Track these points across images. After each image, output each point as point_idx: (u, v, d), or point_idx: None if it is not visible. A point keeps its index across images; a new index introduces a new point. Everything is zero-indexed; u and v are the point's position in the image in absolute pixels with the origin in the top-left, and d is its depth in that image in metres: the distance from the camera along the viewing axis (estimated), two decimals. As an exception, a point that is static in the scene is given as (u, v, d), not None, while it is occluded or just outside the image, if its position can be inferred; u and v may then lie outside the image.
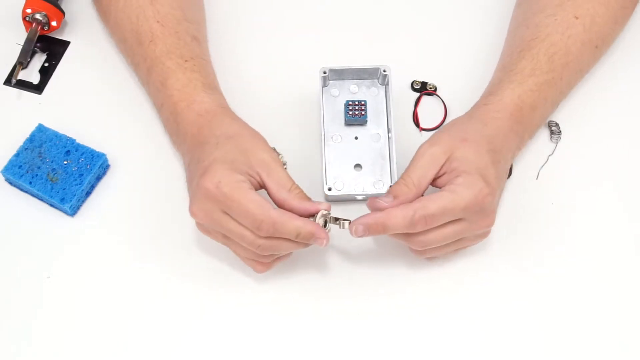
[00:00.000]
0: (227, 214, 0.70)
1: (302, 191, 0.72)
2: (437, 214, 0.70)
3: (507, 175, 0.77)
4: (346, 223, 0.73)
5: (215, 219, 0.70)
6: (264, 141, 0.74)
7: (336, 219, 0.73)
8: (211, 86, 0.80)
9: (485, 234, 0.76)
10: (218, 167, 0.70)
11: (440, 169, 0.72)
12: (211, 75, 0.82)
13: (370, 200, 0.73)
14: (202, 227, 0.74)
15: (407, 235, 0.72)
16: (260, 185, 0.72)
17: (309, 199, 0.73)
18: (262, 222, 0.68)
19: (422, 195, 0.73)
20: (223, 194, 0.69)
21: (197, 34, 0.84)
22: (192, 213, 0.71)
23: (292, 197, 0.71)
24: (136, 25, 0.82)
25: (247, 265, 0.75)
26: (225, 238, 0.72)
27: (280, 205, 0.71)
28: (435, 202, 0.70)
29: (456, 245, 0.75)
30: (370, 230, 0.71)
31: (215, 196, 0.69)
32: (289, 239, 0.71)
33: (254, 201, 0.69)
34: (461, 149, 0.72)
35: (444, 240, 0.72)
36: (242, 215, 0.69)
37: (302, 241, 0.71)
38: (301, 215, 0.71)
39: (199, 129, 0.75)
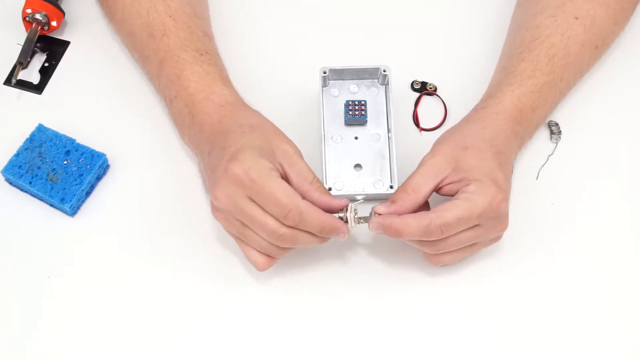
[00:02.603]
0: (253, 200, 0.69)
1: (322, 185, 0.73)
2: (453, 223, 0.70)
3: (511, 176, 0.77)
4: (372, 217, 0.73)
5: (239, 205, 0.69)
6: (284, 134, 0.74)
7: (360, 218, 0.73)
8: (228, 80, 0.80)
9: (498, 238, 0.76)
10: (247, 153, 0.69)
11: (443, 179, 0.72)
12: (225, 71, 0.82)
13: (373, 207, 0.73)
14: (220, 214, 0.72)
15: (422, 240, 0.72)
16: (282, 176, 0.71)
17: (328, 193, 0.73)
18: (290, 211, 0.68)
19: (425, 203, 0.73)
20: (252, 179, 0.68)
21: (207, 30, 0.85)
22: (215, 198, 0.70)
23: (313, 189, 0.71)
24: (147, 19, 0.82)
25: (250, 261, 0.74)
26: (242, 226, 0.71)
27: (301, 196, 0.70)
28: (452, 212, 0.70)
29: (470, 251, 0.75)
30: (385, 231, 0.72)
31: (244, 182, 0.68)
32: (309, 232, 0.70)
33: (283, 189, 0.69)
34: (465, 159, 0.72)
35: (458, 245, 0.72)
36: (270, 202, 0.68)
37: (324, 235, 0.71)
38: (320, 208, 0.71)
39: (221, 118, 0.75)
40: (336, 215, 0.72)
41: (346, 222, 0.72)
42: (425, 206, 0.74)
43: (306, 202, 0.69)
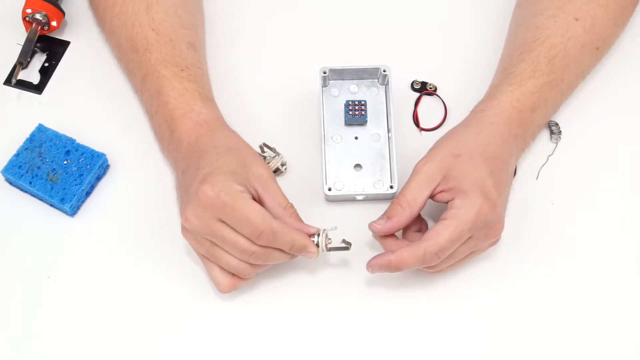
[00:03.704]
0: (223, 221, 0.70)
1: (295, 211, 0.73)
2: (447, 246, 0.70)
3: (511, 178, 0.77)
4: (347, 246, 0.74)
5: (209, 226, 0.70)
6: (260, 157, 0.75)
7: (331, 248, 0.74)
8: (208, 97, 0.80)
9: (495, 241, 0.76)
10: (219, 176, 0.70)
11: (436, 187, 0.73)
12: (207, 86, 0.82)
13: (369, 224, 0.74)
14: (189, 233, 0.73)
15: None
16: (255, 200, 0.72)
17: (301, 220, 0.74)
18: (263, 231, 0.69)
19: (419, 214, 0.74)
20: (223, 202, 0.69)
21: (194, 40, 0.84)
22: (186, 219, 0.71)
23: (286, 215, 0.72)
24: (131, 32, 0.82)
25: (213, 282, 0.75)
26: (212, 246, 0.72)
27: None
28: (442, 235, 0.70)
29: (467, 258, 0.75)
30: (383, 270, 0.73)
31: (215, 204, 0.69)
32: (281, 250, 0.72)
33: (255, 210, 0.69)
34: (455, 166, 0.73)
35: (455, 259, 0.73)
36: (243, 223, 0.69)
37: (294, 253, 0.72)
38: None
39: (198, 138, 0.75)
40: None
41: (318, 246, 0.73)
42: (418, 217, 0.75)
43: (278, 222, 0.70)
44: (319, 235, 0.73)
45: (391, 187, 0.80)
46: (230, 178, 0.70)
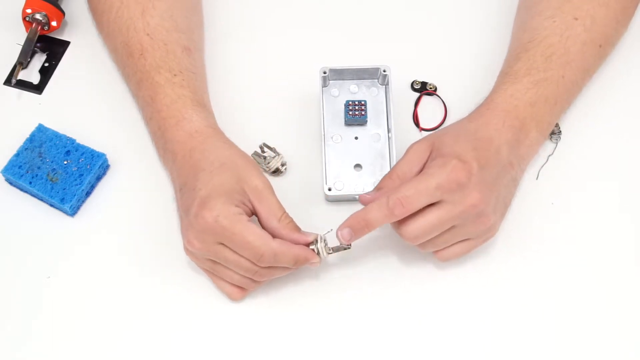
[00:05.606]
0: (223, 244, 0.71)
1: (292, 220, 0.73)
2: (410, 194, 0.69)
3: (506, 166, 0.75)
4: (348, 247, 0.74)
5: (211, 249, 0.71)
6: (256, 166, 0.75)
7: (331, 248, 0.74)
8: (200, 103, 0.80)
9: (483, 225, 0.73)
10: (216, 200, 0.70)
11: (425, 163, 0.73)
12: (200, 91, 0.82)
13: (360, 195, 0.74)
14: (192, 254, 0.74)
15: (396, 227, 0.73)
16: (252, 212, 0.73)
17: (298, 228, 0.74)
18: (264, 254, 0.70)
19: None
20: (222, 227, 0.69)
21: (189, 43, 0.84)
22: (188, 242, 0.72)
23: (281, 227, 0.72)
24: (126, 37, 0.82)
25: (223, 292, 0.76)
26: (215, 264, 0.73)
27: (269, 233, 0.72)
28: (408, 184, 0.70)
29: (453, 238, 0.74)
30: (354, 230, 0.72)
31: (214, 229, 0.70)
32: (285, 266, 0.72)
33: (254, 233, 0.70)
34: (440, 139, 0.74)
35: (432, 228, 0.71)
36: (243, 247, 0.70)
37: (298, 267, 0.73)
38: None
39: (190, 151, 0.75)
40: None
41: (318, 253, 0.73)
42: None
43: (278, 242, 0.71)
44: (317, 241, 0.73)
45: (391, 187, 0.80)
46: (227, 200, 0.71)
